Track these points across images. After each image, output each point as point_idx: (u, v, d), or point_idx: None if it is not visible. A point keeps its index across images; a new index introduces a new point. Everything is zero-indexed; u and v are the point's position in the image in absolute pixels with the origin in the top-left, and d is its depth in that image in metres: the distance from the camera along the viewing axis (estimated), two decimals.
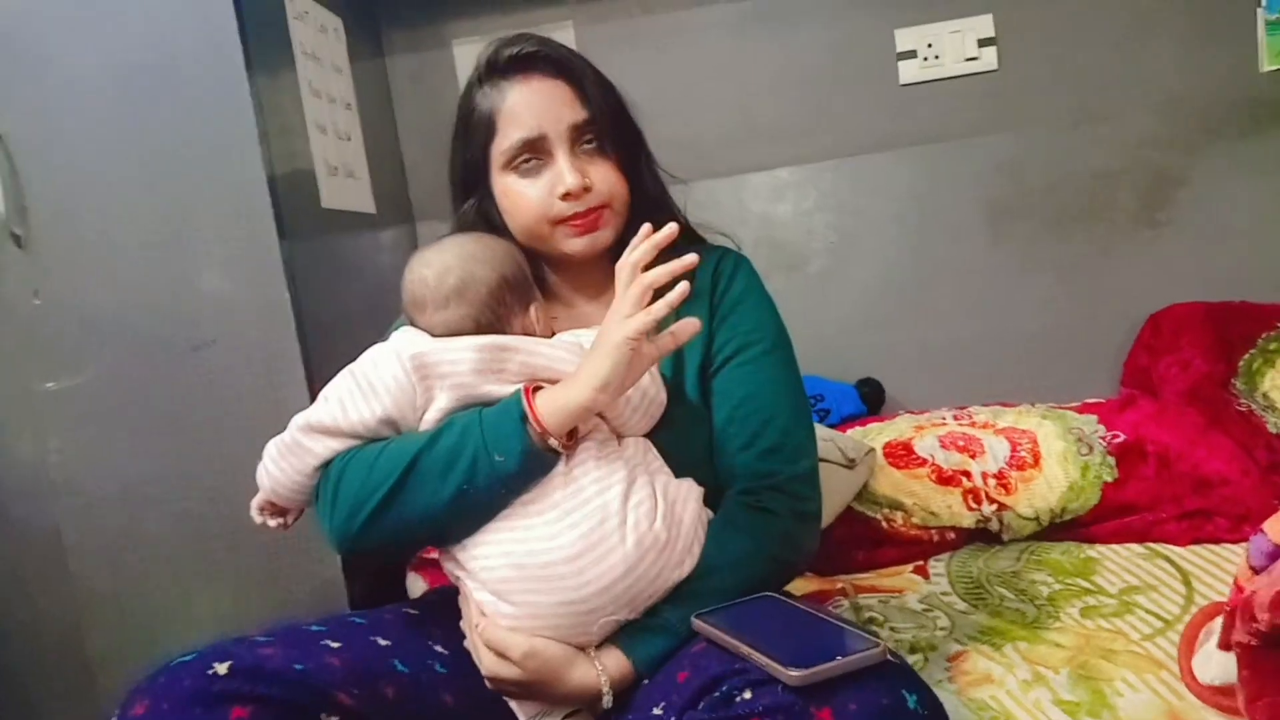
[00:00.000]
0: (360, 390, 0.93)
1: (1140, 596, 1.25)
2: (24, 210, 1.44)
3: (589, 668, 0.89)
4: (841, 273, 1.95)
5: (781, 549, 0.98)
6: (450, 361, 0.92)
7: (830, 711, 0.73)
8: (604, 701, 0.89)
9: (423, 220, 2.03)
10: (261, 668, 0.81)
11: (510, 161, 1.03)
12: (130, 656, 1.45)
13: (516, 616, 0.88)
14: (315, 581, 1.46)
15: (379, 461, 0.90)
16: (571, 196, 1.01)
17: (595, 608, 0.87)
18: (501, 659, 0.89)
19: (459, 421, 0.90)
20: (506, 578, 0.88)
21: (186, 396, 1.45)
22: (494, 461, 0.87)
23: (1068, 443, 1.51)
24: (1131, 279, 1.86)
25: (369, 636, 0.93)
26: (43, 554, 1.50)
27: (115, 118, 1.41)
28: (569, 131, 1.02)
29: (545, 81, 1.03)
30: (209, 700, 0.78)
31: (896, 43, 1.88)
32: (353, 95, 1.78)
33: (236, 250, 1.41)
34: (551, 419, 0.87)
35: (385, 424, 0.93)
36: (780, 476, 0.99)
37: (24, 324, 1.46)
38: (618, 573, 0.87)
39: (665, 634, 0.89)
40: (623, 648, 0.90)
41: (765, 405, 1.02)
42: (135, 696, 0.80)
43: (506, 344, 0.94)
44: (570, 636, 0.89)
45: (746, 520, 0.97)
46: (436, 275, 0.97)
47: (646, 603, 0.90)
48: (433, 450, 0.89)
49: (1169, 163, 1.84)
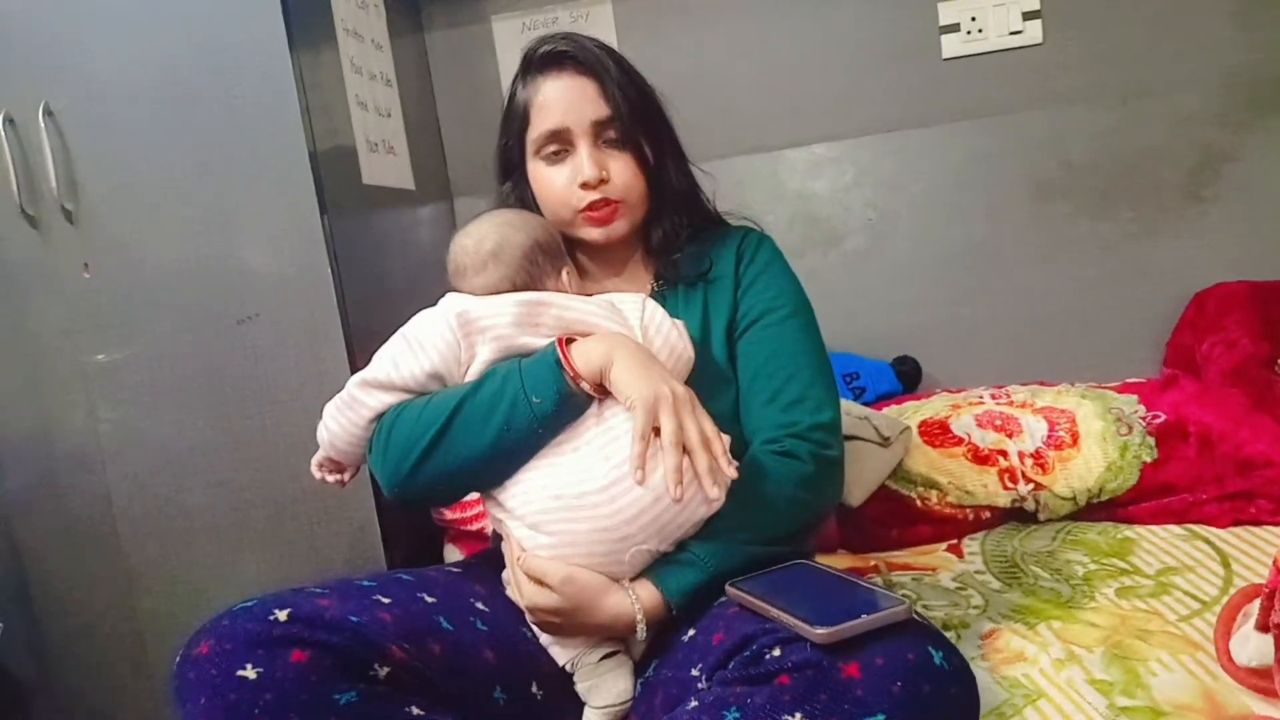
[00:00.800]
0: (410, 348, 1.00)
1: (1178, 578, 1.24)
2: (75, 186, 1.48)
3: (623, 596, 0.93)
4: (879, 250, 1.94)
5: (804, 490, 1.02)
6: (491, 315, 1.00)
7: (858, 666, 0.75)
8: (639, 631, 0.93)
9: (460, 196, 2.05)
10: (320, 616, 0.84)
11: (539, 150, 1.12)
12: (178, 620, 1.50)
13: (554, 546, 0.94)
14: (355, 550, 1.49)
15: (426, 410, 0.98)
16: (589, 186, 1.09)
17: (627, 535, 0.92)
18: (541, 587, 0.94)
19: (500, 370, 0.97)
20: (544, 508, 0.94)
21: (231, 369, 1.48)
22: (532, 404, 0.94)
23: (1107, 422, 1.50)
24: (1176, 257, 1.83)
25: (417, 593, 0.97)
26: (94, 520, 1.55)
27: (162, 96, 1.44)
28: (591, 126, 1.10)
29: (574, 78, 1.11)
30: (270, 643, 0.81)
31: (939, 16, 1.85)
32: (393, 71, 1.80)
33: (280, 226, 1.44)
34: (582, 363, 0.94)
35: (433, 378, 1.00)
36: (803, 425, 1.05)
37: (74, 298, 1.50)
38: (646, 501, 0.91)
39: (694, 567, 0.94)
40: (654, 579, 0.94)
41: (788, 363, 1.09)
42: (199, 637, 0.84)
43: (542, 299, 1.02)
44: (604, 566, 0.93)
45: (770, 464, 1.02)
46: (475, 242, 1.06)
47: (676, 534, 0.95)
48: (476, 397, 0.96)
49: (1217, 139, 1.80)
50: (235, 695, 0.79)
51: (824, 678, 0.75)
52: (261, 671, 0.80)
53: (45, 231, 1.50)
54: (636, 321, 1.04)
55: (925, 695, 0.75)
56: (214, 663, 0.81)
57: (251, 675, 0.80)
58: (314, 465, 1.11)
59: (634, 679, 0.97)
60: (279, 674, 0.80)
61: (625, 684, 0.96)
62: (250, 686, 0.79)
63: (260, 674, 0.80)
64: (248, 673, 0.80)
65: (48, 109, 1.45)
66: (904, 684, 0.74)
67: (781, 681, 0.76)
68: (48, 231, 1.49)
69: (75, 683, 1.60)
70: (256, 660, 0.80)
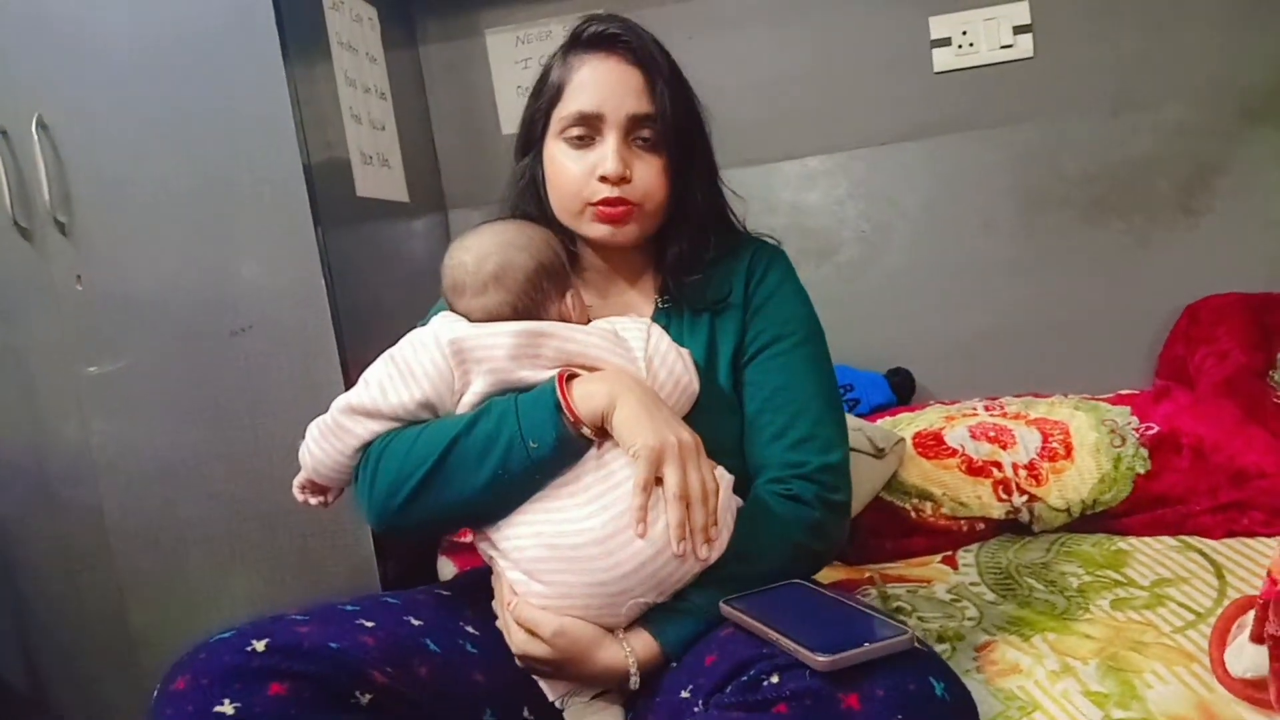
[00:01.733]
0: (400, 374, 0.95)
1: (1172, 589, 1.24)
2: (68, 198, 1.48)
3: (617, 649, 0.90)
4: (872, 262, 1.94)
5: (810, 538, 0.98)
6: (487, 347, 0.94)
7: (858, 697, 0.73)
8: (631, 682, 0.90)
9: (454, 209, 2.05)
10: (299, 645, 0.82)
11: (564, 130, 1.04)
12: (170, 631, 1.50)
13: (547, 596, 0.90)
14: (348, 563, 1.49)
15: (417, 445, 0.93)
16: (609, 181, 1.02)
17: (624, 589, 0.88)
18: (532, 637, 0.91)
19: (496, 407, 0.92)
20: (538, 557, 0.90)
21: (224, 381, 1.48)
22: (528, 448, 0.89)
23: (1100, 434, 1.50)
24: (1168, 269, 1.83)
25: (402, 616, 0.95)
26: (86, 532, 1.55)
27: (155, 109, 1.45)
28: (626, 120, 1.03)
29: (621, 65, 1.04)
30: (247, 676, 0.79)
31: (931, 30, 1.86)
32: (387, 84, 1.80)
33: (273, 238, 1.44)
34: (583, 405, 0.89)
35: (423, 407, 0.95)
36: (810, 466, 1.00)
37: (67, 309, 1.50)
38: (646, 555, 0.88)
39: (693, 617, 0.91)
40: (651, 630, 0.91)
41: (797, 397, 1.03)
42: (175, 672, 0.82)
43: (542, 330, 0.96)
44: (599, 617, 0.90)
45: (776, 508, 0.98)
46: (475, 261, 0.99)
47: (674, 586, 0.91)
48: (470, 435, 0.91)
49: (1208, 151, 1.81)
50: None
51: (823, 708, 0.73)
52: (239, 707, 0.78)
53: (38, 244, 1.50)
54: (640, 352, 0.98)
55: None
56: (191, 699, 0.79)
57: (229, 710, 0.78)
58: (295, 487, 1.05)
59: (625, 717, 0.95)
60: (257, 709, 0.78)
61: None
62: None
63: (238, 709, 0.78)
64: (225, 708, 0.78)
65: (41, 122, 1.46)
66: (905, 717, 0.73)
67: (779, 710, 0.74)
68: (41, 244, 1.50)
69: (68, 695, 1.59)
70: (234, 695, 0.78)
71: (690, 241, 1.08)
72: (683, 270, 1.09)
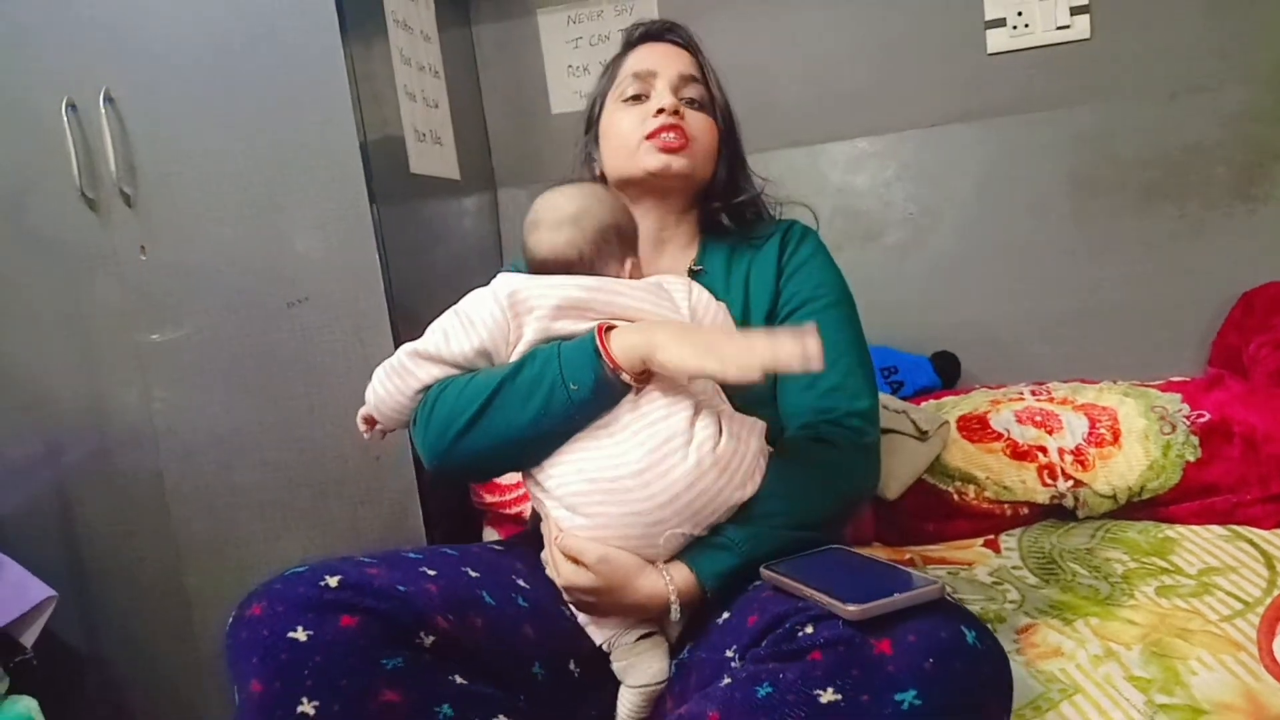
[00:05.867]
0: (461, 324, 1.02)
1: (1220, 578, 1.22)
2: (133, 170, 1.52)
3: (657, 577, 0.94)
4: (920, 244, 1.93)
5: (839, 478, 1.02)
6: (540, 297, 1.00)
7: (890, 643, 0.75)
8: (672, 612, 0.94)
9: (504, 187, 2.07)
10: (369, 583, 0.86)
11: (620, 93, 1.17)
12: (224, 593, 1.54)
13: (589, 528, 0.95)
14: (397, 532, 1.52)
15: (468, 388, 0.99)
16: (665, 113, 1.12)
17: (661, 519, 0.93)
18: (578, 566, 0.95)
19: (540, 354, 0.98)
20: (579, 491, 0.95)
21: (279, 351, 1.52)
22: (569, 390, 0.94)
23: (1149, 421, 1.48)
24: (1223, 256, 1.80)
25: (460, 567, 0.99)
26: (145, 498, 1.59)
27: (218, 86, 1.48)
28: (678, 78, 1.15)
29: (671, 47, 1.19)
30: (321, 607, 0.83)
31: (985, 10, 1.84)
32: (440, 63, 1.82)
33: (329, 212, 1.47)
34: (622, 355, 0.94)
35: (481, 355, 1.01)
36: (839, 411, 1.05)
37: (131, 279, 1.55)
38: (680, 486, 0.92)
39: (728, 550, 0.95)
40: (688, 562, 0.95)
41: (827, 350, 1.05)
42: (252, 599, 0.86)
43: (592, 284, 1.02)
44: (639, 548, 0.95)
45: (806, 450, 1.03)
46: (563, 200, 1.08)
47: (709, 519, 0.95)
48: (516, 379, 0.97)
49: (1268, 136, 1.77)
50: (286, 656, 0.81)
51: (856, 654, 0.75)
52: (312, 634, 0.82)
53: (104, 214, 1.54)
54: (684, 303, 1.05)
55: (957, 673, 0.75)
56: (266, 624, 0.83)
57: (302, 637, 0.82)
58: (359, 417, 1.11)
59: (669, 660, 0.98)
60: (329, 637, 0.82)
61: (661, 664, 0.97)
62: (301, 648, 0.81)
63: (311, 636, 0.82)
64: (299, 634, 0.82)
65: (108, 95, 1.49)
66: (936, 661, 0.74)
67: (813, 658, 0.76)
68: (106, 215, 1.54)
69: (124, 653, 1.64)
70: (307, 623, 0.82)
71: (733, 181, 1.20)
72: (729, 194, 1.19)
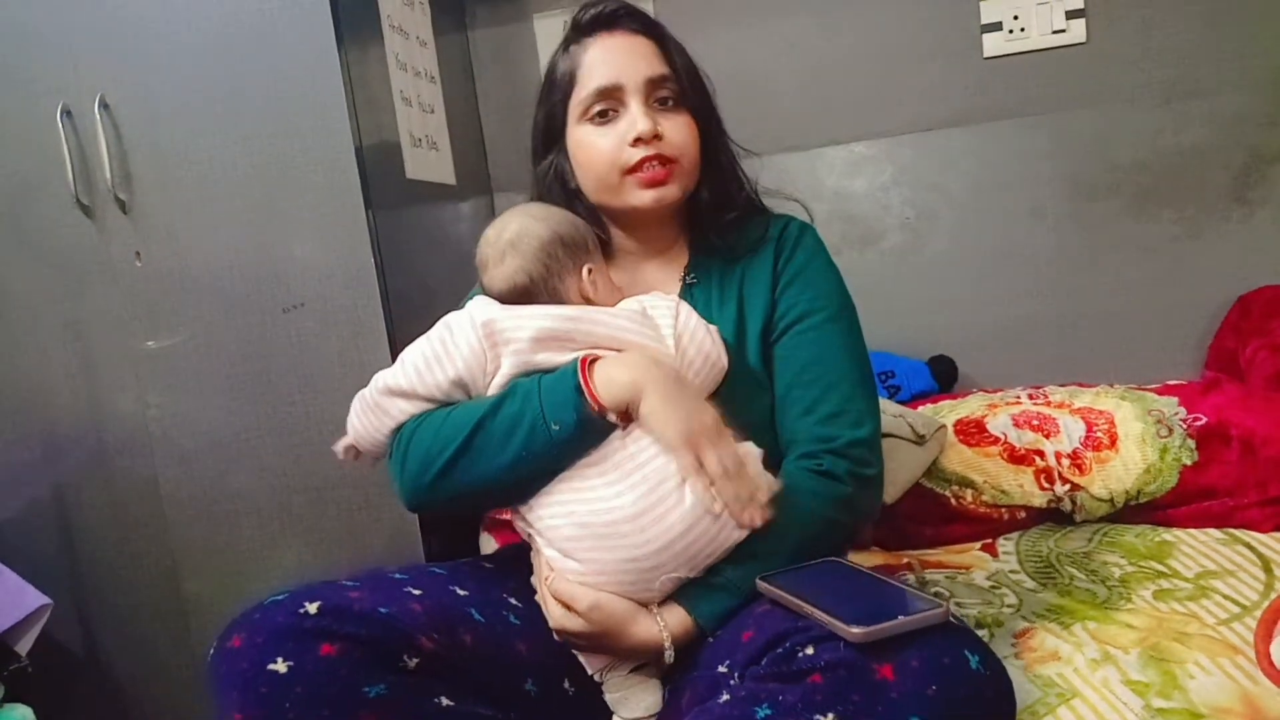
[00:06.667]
0: (435, 355, 0.98)
1: (1217, 581, 1.22)
2: (128, 177, 1.52)
3: (651, 623, 0.92)
4: (917, 249, 1.93)
5: (841, 512, 0.99)
6: (516, 329, 0.96)
7: (892, 668, 0.74)
8: (666, 656, 0.92)
9: (500, 192, 2.07)
10: (349, 608, 0.85)
11: (586, 112, 1.06)
12: (221, 598, 1.54)
13: (582, 573, 0.92)
14: (393, 538, 1.52)
15: (445, 426, 0.95)
16: (642, 141, 1.03)
17: (657, 565, 0.90)
18: (569, 611, 0.93)
19: (520, 388, 0.94)
20: (572, 536, 0.92)
21: (275, 357, 1.51)
22: (550, 429, 0.90)
23: (1146, 424, 1.48)
24: (1220, 259, 1.80)
25: (448, 586, 0.97)
26: (141, 502, 1.59)
27: (213, 91, 1.48)
28: (645, 84, 1.04)
29: (627, 37, 1.06)
30: (300, 635, 0.82)
31: (981, 14, 1.84)
32: (436, 68, 1.82)
33: (325, 218, 1.47)
34: (605, 391, 0.90)
35: (457, 386, 0.97)
36: (841, 441, 1.00)
37: (126, 285, 1.54)
38: (676, 531, 0.89)
39: (726, 592, 0.92)
40: (684, 604, 0.92)
41: (828, 371, 1.04)
42: (231, 630, 0.85)
43: (571, 314, 0.97)
44: (634, 593, 0.92)
45: (807, 483, 0.99)
46: (497, 232, 1.04)
47: (706, 561, 0.92)
48: (495, 417, 0.93)
49: (1264, 140, 1.77)
50: (266, 689, 0.80)
51: (857, 678, 0.74)
52: (292, 665, 0.81)
53: (99, 221, 1.54)
54: (670, 330, 0.99)
55: (960, 699, 0.73)
56: (246, 656, 0.82)
57: (282, 669, 0.80)
58: (339, 446, 1.07)
59: (662, 691, 0.96)
60: (309, 667, 0.81)
61: (654, 697, 0.95)
62: (280, 680, 0.80)
63: (291, 667, 0.81)
64: (278, 666, 0.81)
65: (104, 101, 1.49)
66: (939, 687, 0.73)
67: (814, 680, 0.75)
68: (102, 221, 1.54)
69: (120, 659, 1.64)
70: (287, 653, 0.81)
71: (721, 184, 1.11)
72: (717, 208, 1.11)
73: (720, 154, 1.12)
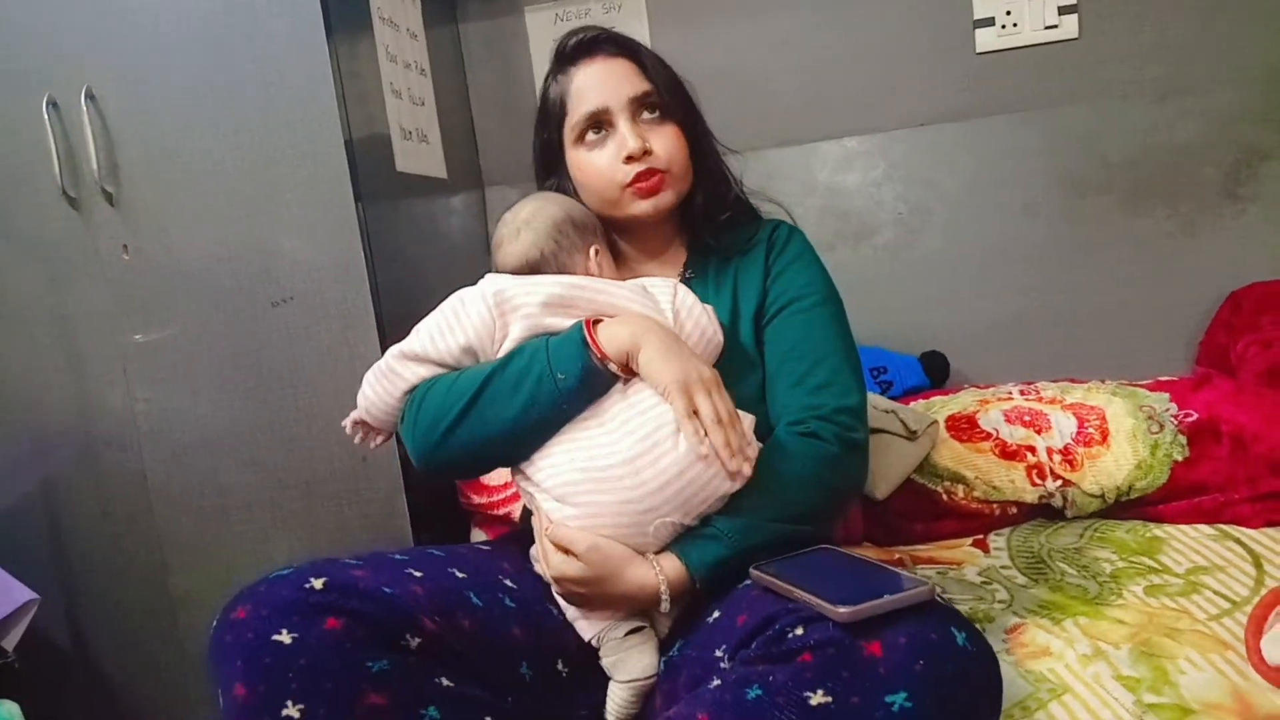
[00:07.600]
0: (447, 322, 1.03)
1: (1208, 577, 1.23)
2: (115, 169, 1.50)
3: (647, 567, 0.95)
4: (909, 244, 1.93)
5: (828, 471, 1.02)
6: (525, 295, 1.02)
7: (880, 645, 0.75)
8: (662, 604, 0.95)
9: (491, 185, 2.06)
10: (354, 585, 0.86)
11: (580, 136, 1.14)
12: (210, 593, 1.53)
13: (579, 517, 0.95)
14: (384, 532, 1.51)
15: (456, 384, 1.01)
16: (633, 159, 1.11)
17: (651, 507, 0.94)
18: (567, 556, 0.95)
19: (529, 346, 1.00)
20: (570, 480, 0.96)
21: (265, 351, 1.50)
22: (556, 379, 0.96)
23: (1138, 420, 1.49)
24: (1212, 255, 1.81)
25: (447, 568, 0.99)
26: (130, 497, 1.58)
27: (201, 83, 1.46)
28: (630, 103, 1.12)
29: (608, 60, 1.14)
30: (305, 609, 0.83)
31: (974, 10, 1.84)
32: (427, 61, 1.81)
33: (315, 211, 1.46)
34: (608, 344, 0.96)
35: (467, 352, 1.03)
36: (828, 408, 1.05)
37: (114, 279, 1.53)
38: (670, 475, 0.93)
39: (717, 541, 0.95)
40: (677, 552, 0.96)
41: (816, 348, 1.10)
42: (236, 602, 0.86)
43: (577, 282, 1.05)
44: (629, 537, 0.95)
45: (794, 444, 1.03)
46: (513, 214, 1.12)
47: (700, 508, 0.96)
48: (504, 372, 0.99)
49: (1256, 137, 1.77)
50: (270, 659, 0.81)
51: (846, 656, 0.75)
52: (296, 637, 0.82)
53: (86, 213, 1.52)
54: (668, 305, 1.05)
55: (948, 674, 0.75)
56: (250, 627, 0.83)
57: (287, 640, 0.81)
58: (347, 422, 1.13)
59: (659, 655, 0.98)
60: (313, 640, 0.82)
61: (650, 659, 0.97)
62: (285, 651, 0.81)
63: (295, 639, 0.81)
64: (283, 638, 0.81)
65: (90, 93, 1.48)
66: (926, 663, 0.74)
67: (804, 660, 0.76)
68: (88, 213, 1.52)
69: (109, 655, 1.63)
70: (292, 626, 0.82)
71: (712, 186, 1.19)
72: (711, 210, 1.18)
73: (708, 157, 1.19)
